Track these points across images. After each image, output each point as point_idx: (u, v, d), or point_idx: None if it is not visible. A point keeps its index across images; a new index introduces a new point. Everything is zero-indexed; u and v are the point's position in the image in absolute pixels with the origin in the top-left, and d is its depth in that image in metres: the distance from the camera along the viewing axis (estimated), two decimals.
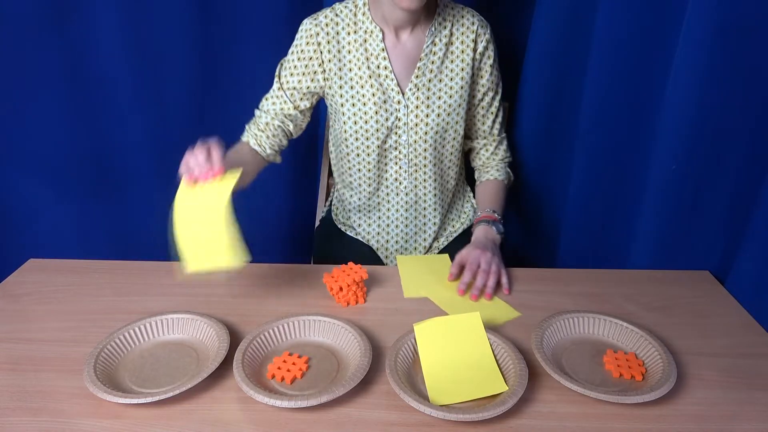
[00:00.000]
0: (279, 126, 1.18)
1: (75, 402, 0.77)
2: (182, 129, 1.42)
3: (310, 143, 1.53)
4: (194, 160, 0.91)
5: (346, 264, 1.00)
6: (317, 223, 1.45)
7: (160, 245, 1.55)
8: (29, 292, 1.03)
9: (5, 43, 1.27)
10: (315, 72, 1.13)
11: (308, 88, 1.15)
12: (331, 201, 1.40)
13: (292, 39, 1.16)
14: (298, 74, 1.14)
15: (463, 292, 1.02)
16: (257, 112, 1.20)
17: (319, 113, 1.52)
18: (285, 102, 1.16)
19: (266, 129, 1.17)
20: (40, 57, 1.29)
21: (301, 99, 1.16)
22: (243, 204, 1.53)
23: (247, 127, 1.20)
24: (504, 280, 1.03)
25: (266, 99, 1.19)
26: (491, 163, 1.27)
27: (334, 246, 1.30)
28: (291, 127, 1.19)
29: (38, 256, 1.14)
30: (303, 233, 1.61)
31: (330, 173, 1.48)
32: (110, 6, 1.25)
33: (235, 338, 0.88)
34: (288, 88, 1.16)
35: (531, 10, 1.30)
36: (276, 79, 1.17)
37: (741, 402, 0.79)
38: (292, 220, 1.60)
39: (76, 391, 0.79)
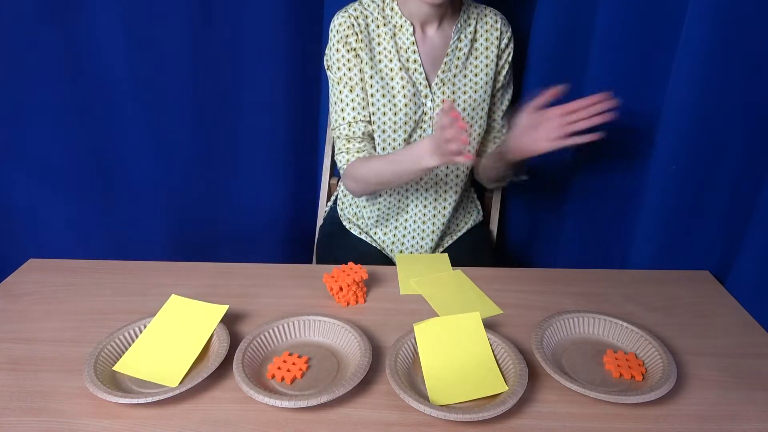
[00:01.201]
0: (371, 129, 1.15)
1: (75, 402, 0.77)
2: (182, 129, 1.42)
3: (310, 143, 1.52)
4: (451, 131, 0.88)
5: (347, 264, 1.00)
6: (320, 221, 1.45)
7: (160, 245, 1.56)
8: (29, 292, 1.03)
9: (5, 42, 1.27)
10: (363, 60, 1.11)
11: (363, 72, 1.12)
12: (336, 198, 1.40)
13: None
14: (354, 66, 1.11)
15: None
16: (343, 132, 1.15)
17: (318, 113, 1.52)
18: (364, 99, 1.13)
19: (364, 138, 1.15)
20: (40, 57, 1.29)
21: (368, 86, 1.13)
22: (243, 204, 1.54)
23: (344, 149, 1.15)
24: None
25: (343, 110, 1.14)
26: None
27: (336, 245, 1.30)
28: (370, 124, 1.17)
29: (38, 256, 1.14)
30: (303, 233, 1.61)
31: (331, 173, 1.48)
32: (111, 5, 1.25)
33: (235, 338, 0.88)
34: (356, 84, 1.12)
35: (532, 9, 1.30)
36: (341, 87, 1.13)
37: (741, 402, 0.79)
38: (293, 220, 1.60)
39: (76, 391, 0.79)
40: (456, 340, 0.85)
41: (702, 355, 0.88)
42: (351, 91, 1.13)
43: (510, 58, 1.20)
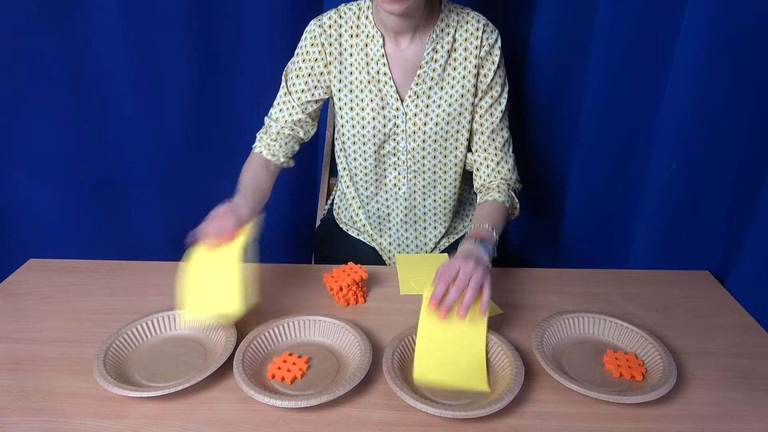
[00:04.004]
0: (290, 134, 1.15)
1: (75, 402, 0.77)
2: (182, 129, 1.42)
3: (310, 143, 1.52)
4: (213, 227, 0.91)
5: (347, 264, 1.00)
6: (318, 223, 1.45)
7: (160, 245, 1.56)
8: (29, 292, 1.03)
9: (5, 43, 1.27)
10: (321, 73, 1.12)
11: (315, 88, 1.13)
12: (333, 200, 1.40)
13: (294, 39, 1.15)
14: (303, 76, 1.12)
15: (434, 305, 0.86)
16: (267, 121, 1.17)
17: (320, 113, 1.52)
18: (293, 107, 1.14)
19: (278, 138, 1.14)
20: (40, 57, 1.29)
21: (308, 102, 1.14)
22: None
23: (258, 136, 1.17)
24: (484, 297, 0.87)
25: (274, 106, 1.16)
26: (492, 185, 1.14)
27: (335, 246, 1.30)
28: (301, 134, 1.16)
29: (38, 256, 1.14)
30: (303, 233, 1.61)
31: (330, 173, 1.48)
32: (110, 6, 1.25)
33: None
34: (295, 91, 1.13)
35: (532, 11, 1.30)
36: (283, 84, 1.15)
37: (741, 402, 0.79)
38: (292, 220, 1.60)
39: (77, 390, 0.79)
40: (456, 327, 0.85)
41: (702, 355, 0.88)
42: (285, 94, 1.14)
43: (497, 68, 1.09)
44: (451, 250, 1.29)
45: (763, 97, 0.94)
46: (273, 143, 1.14)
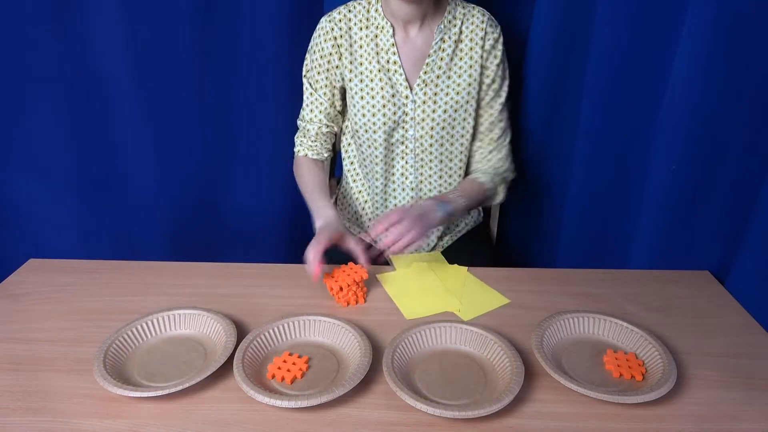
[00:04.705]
0: (327, 131, 1.24)
1: (75, 402, 0.77)
2: (183, 129, 1.42)
3: None
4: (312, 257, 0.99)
5: (347, 264, 1.00)
6: None
7: (160, 245, 1.56)
8: (29, 292, 1.03)
9: (5, 43, 1.27)
10: (337, 66, 1.17)
11: (337, 81, 1.19)
12: (335, 199, 1.40)
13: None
14: (323, 72, 1.18)
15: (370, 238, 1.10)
16: (301, 124, 1.25)
17: None
18: (322, 104, 1.21)
19: (318, 138, 1.23)
20: (40, 57, 1.29)
21: (334, 95, 1.20)
22: (244, 204, 1.54)
23: (298, 140, 1.26)
24: (404, 240, 1.00)
25: (304, 108, 1.23)
26: (481, 167, 1.24)
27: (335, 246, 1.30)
28: (336, 128, 1.25)
29: (38, 256, 1.14)
30: (303, 233, 1.60)
31: (332, 173, 1.48)
32: (110, 6, 1.25)
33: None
34: (320, 87, 1.19)
35: (531, 10, 1.30)
36: (306, 85, 1.21)
37: (741, 402, 0.79)
38: (293, 220, 1.60)
39: (77, 390, 0.79)
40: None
41: (702, 355, 0.88)
42: (311, 94, 1.21)
43: (499, 62, 1.16)
44: (450, 249, 1.29)
45: (763, 97, 0.94)
46: (314, 144, 1.23)
